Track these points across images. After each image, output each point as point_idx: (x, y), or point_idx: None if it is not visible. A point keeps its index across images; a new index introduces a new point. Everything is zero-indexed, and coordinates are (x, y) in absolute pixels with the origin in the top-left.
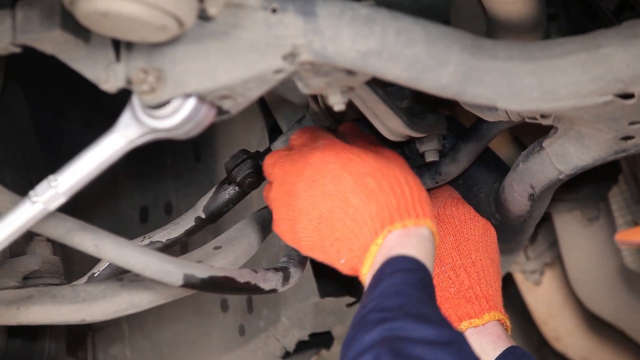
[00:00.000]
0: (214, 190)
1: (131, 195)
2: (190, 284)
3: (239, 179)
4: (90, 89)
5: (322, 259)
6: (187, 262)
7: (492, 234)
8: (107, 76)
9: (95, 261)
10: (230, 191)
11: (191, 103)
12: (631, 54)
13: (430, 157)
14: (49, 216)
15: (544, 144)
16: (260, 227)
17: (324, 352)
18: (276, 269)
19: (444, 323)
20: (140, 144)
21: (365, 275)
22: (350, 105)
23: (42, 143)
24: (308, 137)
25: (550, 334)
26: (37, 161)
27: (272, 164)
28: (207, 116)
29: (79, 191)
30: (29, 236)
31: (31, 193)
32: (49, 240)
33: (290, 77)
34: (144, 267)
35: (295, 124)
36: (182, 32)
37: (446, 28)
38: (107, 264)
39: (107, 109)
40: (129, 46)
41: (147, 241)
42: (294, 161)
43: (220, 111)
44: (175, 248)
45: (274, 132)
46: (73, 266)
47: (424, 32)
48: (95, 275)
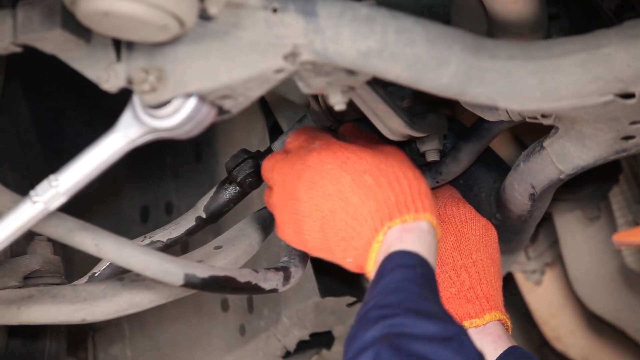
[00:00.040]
0: (214, 190)
1: (132, 195)
2: (190, 283)
3: (239, 179)
4: (91, 88)
5: (330, 258)
6: (187, 262)
7: (493, 233)
8: (108, 76)
9: (96, 261)
10: (230, 191)
11: (192, 103)
12: (632, 53)
13: (431, 156)
14: (49, 216)
15: (544, 144)
16: (261, 227)
17: (324, 351)
18: (277, 269)
19: (445, 318)
20: (141, 144)
21: (370, 273)
22: (351, 104)
23: (42, 143)
24: (304, 139)
25: (551, 333)
26: (38, 161)
27: (270, 169)
28: (208, 116)
29: (79, 191)
30: (29, 236)
31: (32, 193)
32: (49, 240)
33: (291, 76)
34: (144, 267)
35: (296, 124)
36: (183, 32)
37: (447, 28)
38: (108, 263)
39: (107, 108)
40: (130, 46)
41: (147, 241)
42: (292, 164)
43: (221, 111)
44: (176, 248)
45: (275, 131)
46: (74, 266)
47: (424, 31)
48: (96, 275)
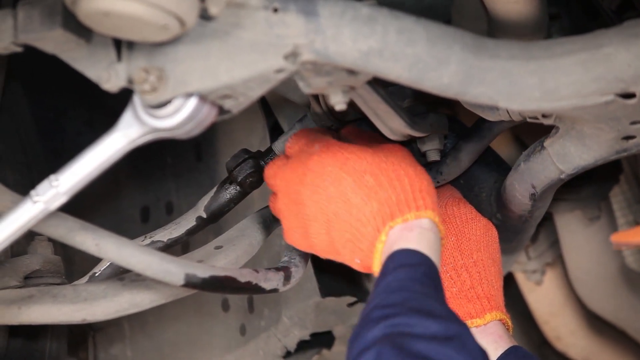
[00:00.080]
0: (215, 189)
1: (132, 195)
2: (191, 283)
3: (240, 179)
4: (91, 88)
5: (340, 260)
6: (188, 262)
7: (494, 233)
8: (109, 75)
9: (96, 261)
10: (231, 191)
11: (192, 102)
12: (632, 53)
13: (432, 156)
14: (50, 216)
15: (545, 144)
16: (262, 227)
17: (325, 351)
18: (277, 269)
19: (448, 316)
20: (142, 144)
21: (377, 273)
22: (352, 104)
23: (43, 142)
24: (304, 143)
25: (551, 333)
26: (39, 160)
27: (272, 175)
28: (209, 116)
29: (80, 191)
30: (30, 236)
31: (32, 193)
32: (50, 239)
33: (292, 76)
34: (145, 267)
35: (297, 124)
36: (183, 32)
37: (447, 27)
38: (108, 263)
39: (108, 108)
40: (131, 45)
41: (148, 241)
42: (294, 169)
43: (222, 111)
44: (177, 248)
45: (276, 131)
46: (74, 266)
47: (425, 31)
48: (97, 274)
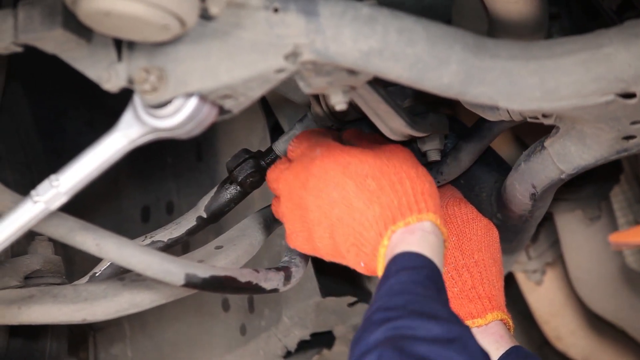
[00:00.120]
0: (215, 189)
1: (133, 195)
2: (191, 283)
3: (240, 179)
4: (92, 88)
5: (345, 263)
6: (188, 262)
7: (495, 233)
8: (109, 75)
9: (97, 261)
10: (231, 191)
11: (193, 102)
12: (633, 53)
13: (432, 156)
14: (50, 216)
15: (545, 144)
16: (262, 227)
17: (325, 351)
18: (278, 269)
19: (449, 318)
20: (142, 144)
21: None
22: (352, 104)
23: (43, 142)
24: (306, 146)
25: (552, 333)
26: (39, 160)
27: (275, 179)
28: (209, 115)
29: (80, 191)
30: (30, 236)
31: (33, 192)
32: (50, 239)
33: (292, 76)
34: (145, 267)
35: (297, 124)
36: (184, 32)
37: (448, 27)
38: (109, 263)
39: (109, 108)
40: (131, 45)
41: (148, 241)
42: (297, 173)
43: (222, 110)
44: (177, 248)
45: (276, 131)
46: (74, 266)
47: (425, 31)
48: (97, 274)
